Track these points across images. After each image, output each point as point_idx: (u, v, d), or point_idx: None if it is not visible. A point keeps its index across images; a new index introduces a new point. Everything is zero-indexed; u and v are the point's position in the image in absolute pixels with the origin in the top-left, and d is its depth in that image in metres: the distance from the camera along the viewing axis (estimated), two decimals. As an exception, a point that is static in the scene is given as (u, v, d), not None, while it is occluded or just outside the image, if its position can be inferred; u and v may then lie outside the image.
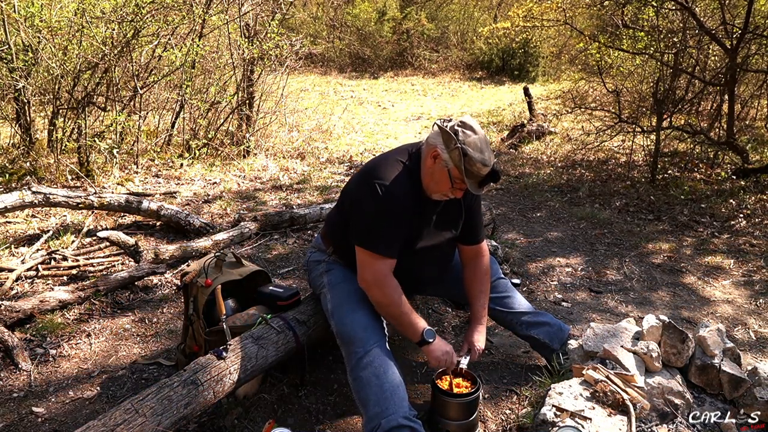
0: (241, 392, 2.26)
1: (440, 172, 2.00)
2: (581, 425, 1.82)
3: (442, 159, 1.97)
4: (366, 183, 2.06)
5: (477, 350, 2.29)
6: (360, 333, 2.04)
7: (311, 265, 2.40)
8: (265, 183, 5.27)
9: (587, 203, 5.02)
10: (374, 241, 2.02)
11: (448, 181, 1.99)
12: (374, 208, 2.01)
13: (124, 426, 1.68)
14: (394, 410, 1.91)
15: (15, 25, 4.80)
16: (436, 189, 2.05)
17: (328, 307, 2.20)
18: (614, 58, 6.10)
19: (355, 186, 2.15)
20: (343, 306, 2.13)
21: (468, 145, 1.92)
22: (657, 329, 2.16)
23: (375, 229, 2.02)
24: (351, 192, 2.18)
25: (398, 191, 2.00)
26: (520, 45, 12.22)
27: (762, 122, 6.98)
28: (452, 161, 1.95)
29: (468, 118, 2.02)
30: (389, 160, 2.10)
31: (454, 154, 1.93)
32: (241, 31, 6.15)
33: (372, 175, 2.05)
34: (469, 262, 2.36)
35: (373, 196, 2.00)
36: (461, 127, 1.96)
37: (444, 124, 1.98)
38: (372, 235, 2.03)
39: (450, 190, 2.02)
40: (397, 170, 2.04)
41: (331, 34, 14.38)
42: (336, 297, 2.18)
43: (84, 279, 3.22)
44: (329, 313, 2.19)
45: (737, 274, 3.66)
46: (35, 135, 5.27)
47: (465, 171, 1.93)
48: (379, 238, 2.02)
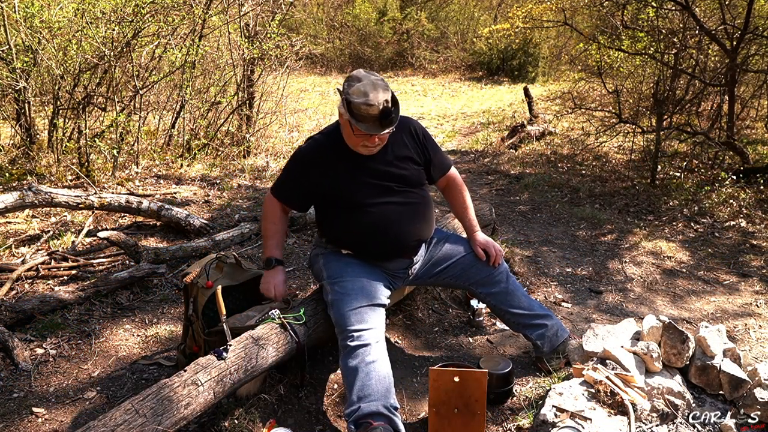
0: (242, 392, 2.25)
1: (346, 126, 2.20)
2: (581, 425, 1.82)
3: (342, 113, 2.16)
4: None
5: (492, 246, 2.49)
6: (356, 325, 2.12)
7: (313, 260, 2.48)
8: (265, 183, 5.27)
9: (587, 203, 5.02)
10: (275, 183, 2.43)
11: (352, 131, 2.16)
12: (286, 163, 2.41)
13: (125, 426, 1.68)
14: (377, 398, 1.99)
15: (15, 26, 4.81)
16: (352, 142, 2.22)
17: (329, 298, 2.26)
18: (614, 59, 6.10)
19: None
20: (342, 298, 2.20)
21: (352, 93, 2.10)
22: (657, 329, 2.16)
23: (279, 177, 2.44)
24: None
25: (305, 148, 2.33)
26: (520, 45, 12.23)
27: (762, 122, 6.98)
28: (346, 112, 2.12)
29: (358, 70, 2.22)
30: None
31: (344, 105, 2.13)
32: (241, 31, 6.15)
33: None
34: (444, 189, 2.60)
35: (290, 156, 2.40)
36: (347, 81, 2.15)
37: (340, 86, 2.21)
38: (276, 180, 2.44)
39: (361, 139, 2.17)
40: (317, 135, 2.38)
41: (331, 34, 14.39)
42: (336, 290, 2.24)
43: (84, 279, 3.22)
44: (329, 304, 2.26)
45: (737, 275, 3.66)
46: (35, 135, 5.27)
47: (354, 116, 2.10)
48: (277, 181, 2.42)
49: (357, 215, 2.27)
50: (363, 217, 2.27)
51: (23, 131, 5.17)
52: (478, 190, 5.48)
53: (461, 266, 2.48)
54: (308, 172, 2.30)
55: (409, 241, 2.37)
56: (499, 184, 5.67)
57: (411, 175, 2.34)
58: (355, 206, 2.27)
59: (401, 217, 2.30)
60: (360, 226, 2.28)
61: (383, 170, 2.28)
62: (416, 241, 2.40)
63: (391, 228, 2.29)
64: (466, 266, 2.48)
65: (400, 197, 2.30)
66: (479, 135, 8.04)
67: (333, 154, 2.27)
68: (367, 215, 2.27)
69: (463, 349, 2.77)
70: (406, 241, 2.35)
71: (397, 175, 2.30)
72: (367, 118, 2.09)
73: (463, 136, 8.24)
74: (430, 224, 2.44)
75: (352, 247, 2.34)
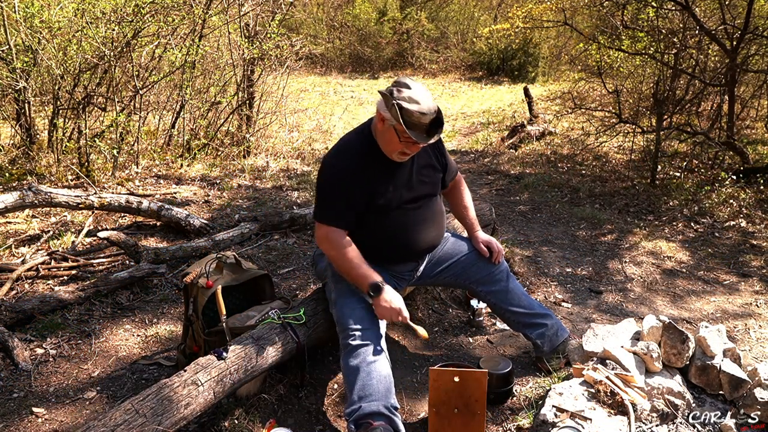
0: (242, 392, 2.26)
1: (388, 132, 2.13)
2: (581, 425, 1.82)
3: (386, 119, 2.10)
4: (321, 162, 2.29)
5: (494, 243, 2.51)
6: (358, 323, 2.12)
7: (317, 258, 2.47)
8: (265, 183, 5.27)
9: (587, 203, 5.02)
10: (323, 213, 2.21)
11: (396, 138, 2.12)
12: (321, 182, 2.23)
13: (125, 426, 1.68)
14: (378, 398, 1.99)
15: (15, 26, 4.80)
16: (391, 149, 2.17)
17: (332, 296, 2.27)
18: (614, 59, 6.10)
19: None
20: (345, 297, 2.21)
21: (403, 100, 2.05)
22: (657, 329, 2.16)
23: (323, 203, 2.22)
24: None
25: (344, 163, 2.19)
26: (520, 45, 12.23)
27: (762, 122, 6.98)
28: (393, 118, 2.06)
29: (403, 77, 2.16)
30: (345, 135, 2.32)
31: (393, 110, 2.06)
32: (241, 31, 6.15)
33: (327, 154, 2.29)
34: (449, 193, 2.61)
35: (321, 172, 2.24)
36: (395, 86, 2.10)
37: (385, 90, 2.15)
38: (322, 208, 2.22)
39: (403, 146, 2.14)
40: (348, 144, 2.26)
41: (331, 34, 14.38)
42: (339, 288, 2.25)
43: (84, 279, 3.22)
44: (332, 302, 2.27)
45: (738, 275, 3.66)
46: (35, 135, 5.27)
47: (405, 123, 2.04)
48: (327, 210, 2.21)
49: (380, 221, 2.25)
50: (385, 223, 2.25)
51: (23, 131, 5.17)
52: (478, 190, 5.48)
53: (462, 265, 2.49)
54: (354, 187, 2.18)
55: (423, 248, 2.39)
56: (499, 184, 5.67)
57: (432, 183, 2.37)
58: (381, 212, 2.24)
59: (419, 225, 2.32)
60: (380, 233, 2.27)
61: (410, 178, 2.28)
62: (430, 247, 2.43)
63: (409, 235, 2.31)
64: (467, 265, 2.49)
65: (420, 204, 2.32)
66: (479, 135, 8.04)
67: (370, 161, 2.20)
68: (389, 222, 2.26)
69: (463, 349, 2.77)
70: (421, 248, 2.38)
71: (421, 183, 2.31)
72: (418, 126, 2.06)
73: (463, 136, 8.24)
74: (443, 231, 2.48)
75: (365, 250, 2.27)
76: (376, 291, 2.11)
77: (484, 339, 2.85)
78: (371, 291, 2.12)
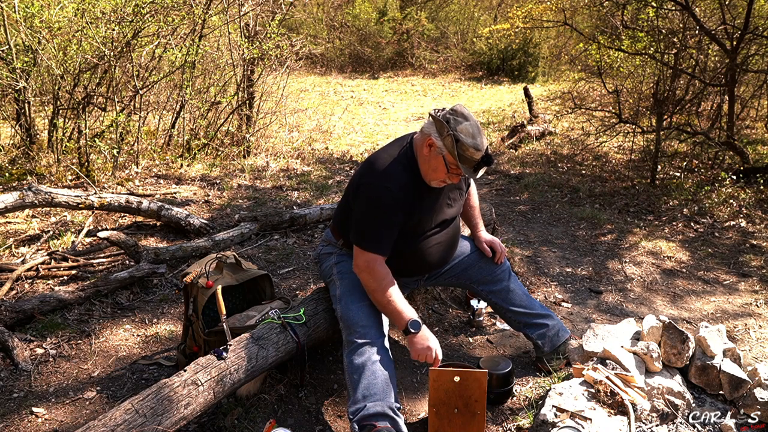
0: (242, 392, 2.26)
1: (436, 160, 2.08)
2: (581, 425, 1.82)
3: (437, 146, 2.05)
4: (362, 184, 2.15)
5: (497, 243, 2.50)
6: (363, 321, 2.11)
7: (322, 258, 2.45)
8: (265, 183, 5.27)
9: (587, 203, 5.02)
10: (367, 240, 2.13)
11: (444, 168, 2.07)
12: (366, 208, 2.13)
13: (125, 426, 1.68)
14: (382, 398, 1.97)
15: (15, 26, 4.80)
16: (434, 176, 2.12)
17: (337, 293, 2.26)
18: (614, 59, 6.10)
19: (355, 186, 2.21)
20: (351, 294, 2.20)
21: (460, 132, 2.00)
22: (657, 329, 2.16)
23: (367, 230, 2.13)
24: (351, 190, 2.25)
25: (391, 189, 2.09)
26: (520, 45, 12.23)
27: (762, 122, 6.98)
28: (446, 148, 2.03)
29: (460, 105, 2.09)
30: (384, 157, 2.18)
31: (447, 140, 2.01)
32: (241, 31, 6.15)
33: (368, 175, 2.16)
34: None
35: (367, 198, 2.12)
36: (452, 115, 2.04)
37: (437, 114, 2.07)
38: (365, 235, 2.13)
39: (447, 176, 2.10)
40: (392, 167, 2.13)
41: (331, 34, 14.37)
42: (345, 285, 2.24)
43: (84, 279, 3.22)
44: (336, 298, 2.25)
45: (737, 275, 3.66)
46: (35, 135, 5.27)
47: (459, 156, 2.01)
48: (371, 237, 2.12)
49: (402, 242, 2.20)
50: (407, 244, 2.23)
51: (23, 131, 5.16)
52: (478, 190, 5.47)
53: (464, 265, 2.49)
54: (399, 216, 2.13)
55: (437, 266, 2.41)
56: (499, 184, 5.67)
57: (458, 207, 2.37)
58: (413, 235, 2.22)
59: (439, 246, 2.32)
60: (398, 252, 2.21)
61: (443, 202, 2.28)
62: (443, 265, 2.45)
63: (426, 257, 2.30)
64: (469, 264, 2.50)
65: (447, 226, 2.33)
66: (479, 135, 8.02)
67: (416, 191, 2.15)
68: (411, 244, 2.23)
69: (463, 349, 2.77)
70: (434, 267, 2.40)
71: (448, 206, 2.31)
72: (470, 161, 2.03)
73: (463, 136, 8.22)
74: (457, 248, 2.49)
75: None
76: (416, 328, 2.06)
77: (484, 339, 2.85)
78: (411, 328, 2.06)
